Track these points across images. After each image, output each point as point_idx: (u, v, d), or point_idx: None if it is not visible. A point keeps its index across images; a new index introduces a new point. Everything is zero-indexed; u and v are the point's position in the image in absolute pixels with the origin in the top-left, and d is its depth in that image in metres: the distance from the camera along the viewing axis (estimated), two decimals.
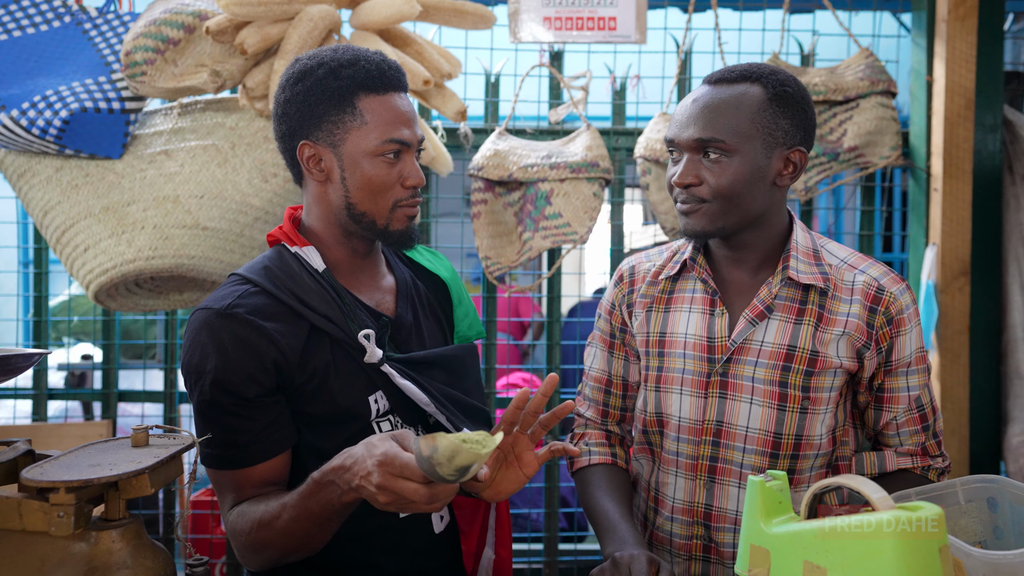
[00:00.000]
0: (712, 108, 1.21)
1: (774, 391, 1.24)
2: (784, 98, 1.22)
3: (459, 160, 2.25)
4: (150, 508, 2.46)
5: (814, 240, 1.30)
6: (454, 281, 1.43)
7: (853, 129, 2.16)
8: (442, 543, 1.30)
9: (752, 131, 1.20)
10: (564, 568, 2.45)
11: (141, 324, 2.74)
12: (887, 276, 1.27)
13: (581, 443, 1.40)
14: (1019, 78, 2.45)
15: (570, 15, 2.20)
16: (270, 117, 1.94)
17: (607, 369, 1.41)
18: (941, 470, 1.31)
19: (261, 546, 1.14)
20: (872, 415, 1.30)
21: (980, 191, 2.24)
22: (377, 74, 1.21)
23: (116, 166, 1.92)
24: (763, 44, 2.35)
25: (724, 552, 1.27)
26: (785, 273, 1.25)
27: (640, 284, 1.38)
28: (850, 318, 1.24)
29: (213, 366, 1.13)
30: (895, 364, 1.26)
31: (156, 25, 1.85)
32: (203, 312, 1.17)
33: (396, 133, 1.20)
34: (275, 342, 1.15)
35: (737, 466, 1.26)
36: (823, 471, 1.28)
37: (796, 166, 1.24)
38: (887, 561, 0.85)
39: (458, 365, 1.35)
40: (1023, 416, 2.22)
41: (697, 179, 1.22)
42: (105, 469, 0.96)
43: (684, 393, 1.28)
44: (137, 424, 1.08)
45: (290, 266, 1.23)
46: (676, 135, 1.24)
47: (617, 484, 1.34)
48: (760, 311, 1.25)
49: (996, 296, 2.27)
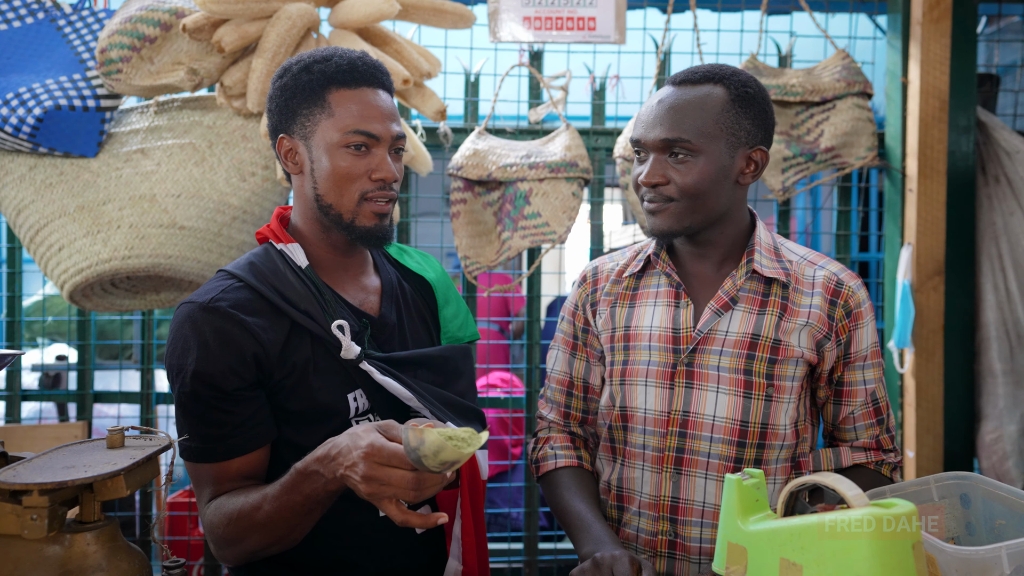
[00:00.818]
0: (677, 109, 1.24)
1: (739, 379, 1.26)
2: (746, 99, 1.26)
3: (439, 159, 2.25)
4: (127, 510, 2.43)
5: (774, 238, 1.35)
6: (440, 282, 1.43)
7: (830, 130, 2.18)
8: (423, 543, 1.30)
9: (716, 131, 1.24)
10: (544, 567, 2.45)
11: (117, 324, 2.71)
12: (844, 272, 1.32)
13: (547, 446, 1.41)
14: (992, 80, 2.49)
15: (550, 15, 2.20)
16: (248, 116, 1.94)
17: (569, 371, 1.43)
18: (893, 465, 1.35)
19: (239, 538, 1.13)
20: (831, 409, 1.34)
21: (954, 191, 2.27)
22: (348, 68, 1.22)
23: (91, 164, 1.90)
24: (741, 45, 2.37)
25: (690, 547, 1.28)
26: (750, 266, 1.29)
27: (604, 283, 1.40)
28: (812, 309, 1.28)
29: (194, 359, 1.14)
30: (853, 357, 1.30)
31: (132, 22, 1.83)
32: (187, 306, 1.18)
33: (362, 125, 1.21)
34: (256, 336, 1.16)
35: (704, 456, 1.27)
36: (788, 464, 1.30)
37: (757, 164, 1.28)
38: (861, 558, 0.86)
39: (447, 366, 1.35)
40: (996, 413, 2.25)
41: (664, 178, 1.25)
42: (80, 471, 0.95)
43: (650, 385, 1.30)
44: (113, 425, 1.07)
45: (275, 263, 1.25)
46: (642, 135, 1.27)
47: (586, 485, 1.36)
48: (725, 302, 1.28)
49: (970, 295, 2.30)
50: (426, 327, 1.39)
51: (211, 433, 1.16)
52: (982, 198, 2.31)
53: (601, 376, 1.41)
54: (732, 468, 1.26)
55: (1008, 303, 2.27)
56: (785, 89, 2.20)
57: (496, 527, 2.77)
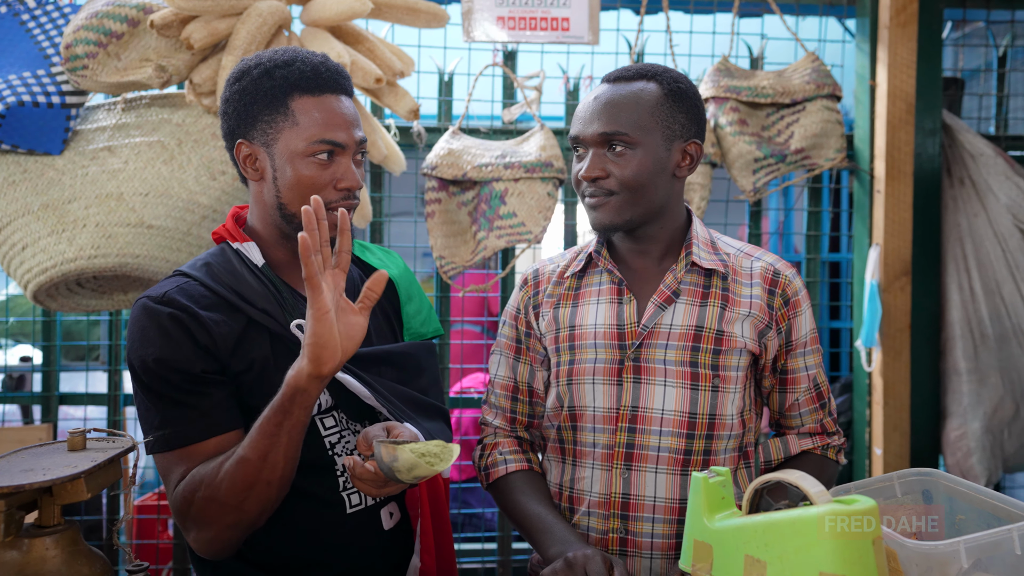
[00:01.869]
0: (614, 104, 1.28)
1: (686, 371, 1.28)
2: (678, 94, 1.30)
3: (412, 159, 2.24)
4: (93, 514, 2.39)
5: (710, 233, 1.40)
6: (403, 278, 1.42)
7: (800, 131, 2.21)
8: (392, 541, 1.29)
9: (652, 124, 1.27)
10: (517, 567, 2.45)
11: (84, 324, 2.66)
12: (780, 262, 1.36)
13: (495, 452, 1.41)
14: (957, 84, 2.53)
15: (523, 15, 2.21)
16: (218, 114, 1.92)
17: (513, 376, 1.43)
18: (838, 447, 1.40)
19: (208, 505, 1.09)
20: (777, 398, 1.38)
21: (921, 193, 2.31)
22: (312, 75, 1.21)
23: (56, 162, 1.86)
24: (713, 47, 2.38)
25: (641, 543, 1.28)
26: (689, 259, 1.32)
27: (545, 285, 1.42)
28: (753, 300, 1.32)
29: (157, 347, 1.13)
30: (795, 344, 1.34)
31: (98, 18, 1.80)
32: (141, 300, 1.18)
33: (327, 134, 1.20)
34: (208, 329, 1.15)
35: (654, 451, 1.28)
36: (736, 455, 1.33)
37: (692, 158, 1.32)
38: (823, 553, 0.87)
39: (409, 362, 1.34)
40: (960, 411, 2.30)
41: (604, 172, 1.28)
42: (38, 474, 0.94)
43: (597, 383, 1.31)
44: (78, 428, 1.06)
45: (231, 262, 1.24)
46: (581, 131, 1.30)
47: (540, 487, 1.36)
48: (667, 295, 1.31)
49: (936, 295, 2.34)
50: (390, 324, 1.38)
51: (184, 415, 1.14)
52: (947, 200, 2.36)
53: (545, 380, 1.41)
54: (681, 461, 1.27)
55: (972, 303, 2.31)
56: (756, 91, 2.23)
57: (470, 527, 2.77)
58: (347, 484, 1.25)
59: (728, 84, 2.23)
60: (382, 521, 1.27)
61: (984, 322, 2.30)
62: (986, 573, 0.98)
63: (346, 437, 1.26)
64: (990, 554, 0.98)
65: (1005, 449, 2.32)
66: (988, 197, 2.32)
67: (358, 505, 1.25)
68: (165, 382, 1.14)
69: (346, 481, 1.24)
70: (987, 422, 2.28)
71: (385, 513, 1.28)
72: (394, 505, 1.29)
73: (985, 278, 2.31)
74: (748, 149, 2.19)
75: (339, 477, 1.24)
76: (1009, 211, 2.31)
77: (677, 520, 1.27)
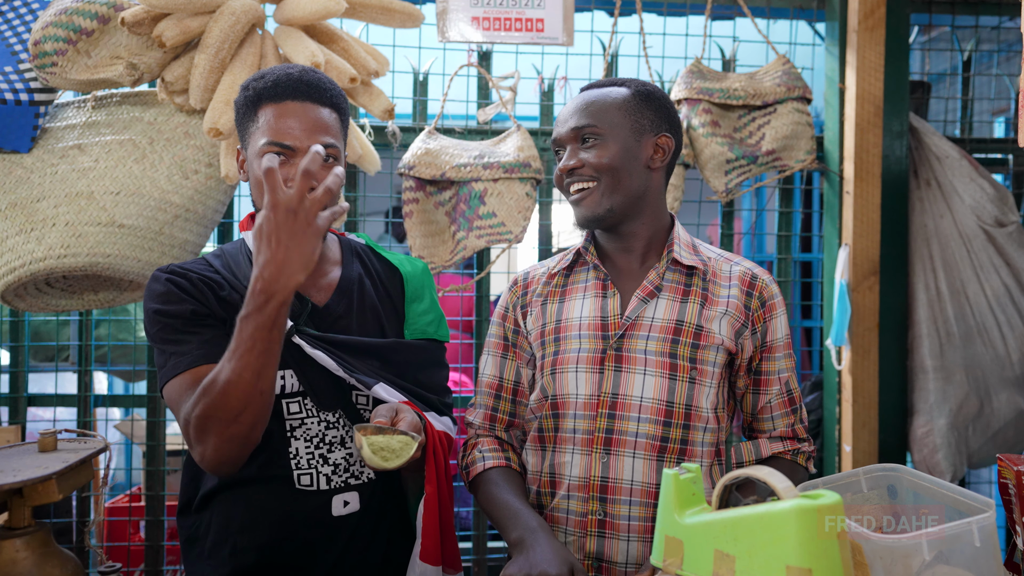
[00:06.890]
0: (585, 103, 1.40)
1: (665, 362, 1.35)
2: (646, 95, 1.41)
3: (387, 159, 2.24)
4: (64, 516, 2.36)
5: (692, 238, 1.48)
6: (415, 277, 1.51)
7: (771, 133, 2.24)
8: (342, 527, 1.32)
9: (620, 119, 1.38)
10: (493, 566, 2.46)
11: (53, 325, 2.62)
12: (757, 268, 1.45)
13: (475, 451, 1.46)
14: (923, 87, 2.58)
15: (498, 16, 2.21)
16: (191, 112, 1.90)
17: (498, 374, 1.49)
18: (808, 454, 1.46)
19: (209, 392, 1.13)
20: (750, 399, 1.44)
21: (888, 194, 2.35)
22: (273, 84, 1.32)
23: (24, 160, 1.84)
24: (686, 49, 2.41)
25: (619, 525, 1.33)
26: (670, 256, 1.40)
27: (535, 286, 1.50)
28: (730, 299, 1.39)
29: (163, 300, 1.28)
30: (770, 346, 1.41)
31: (68, 14, 1.78)
32: (154, 273, 1.34)
33: (276, 136, 1.29)
34: (195, 285, 1.29)
35: (632, 436, 1.33)
36: (712, 449, 1.38)
37: (665, 151, 1.41)
38: (790, 547, 0.89)
39: (395, 358, 1.40)
40: (927, 408, 2.34)
41: (579, 162, 1.38)
42: (8, 475, 0.93)
43: (580, 371, 1.37)
44: (47, 429, 1.05)
45: (237, 250, 1.41)
46: (558, 133, 1.42)
47: (514, 481, 1.41)
48: (650, 290, 1.39)
49: (903, 294, 2.39)
50: (378, 321, 1.43)
51: (184, 349, 1.25)
52: (915, 201, 2.40)
53: (530, 378, 1.47)
54: (659, 448, 1.33)
55: (938, 302, 2.36)
56: (728, 93, 2.26)
57: None
58: (298, 465, 1.31)
59: (700, 86, 2.26)
60: (332, 508, 1.31)
61: (950, 321, 2.35)
62: (947, 565, 1.01)
63: (307, 424, 1.32)
64: (951, 547, 1.01)
65: (970, 445, 2.37)
66: (953, 198, 2.37)
67: (308, 486, 1.30)
68: (166, 327, 1.27)
69: (297, 464, 1.31)
70: (952, 419, 2.33)
71: (338, 501, 1.32)
72: (353, 495, 1.32)
73: (951, 278, 2.36)
74: (720, 150, 2.22)
75: (291, 459, 1.30)
76: (973, 212, 2.36)
77: (653, 504, 1.32)
